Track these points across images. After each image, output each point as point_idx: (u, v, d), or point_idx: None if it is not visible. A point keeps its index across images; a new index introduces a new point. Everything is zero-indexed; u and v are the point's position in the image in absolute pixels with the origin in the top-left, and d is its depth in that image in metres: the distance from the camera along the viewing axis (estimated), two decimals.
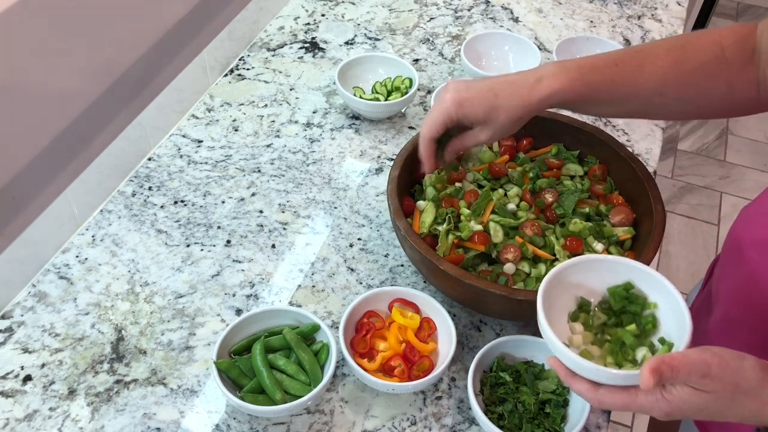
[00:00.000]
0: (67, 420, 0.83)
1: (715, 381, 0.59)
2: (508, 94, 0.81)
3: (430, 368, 0.86)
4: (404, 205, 0.94)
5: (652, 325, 0.71)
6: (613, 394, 0.64)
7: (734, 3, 3.56)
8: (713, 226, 2.50)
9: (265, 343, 0.85)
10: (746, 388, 0.59)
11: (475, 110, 0.82)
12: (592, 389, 0.65)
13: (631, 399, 0.63)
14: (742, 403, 0.60)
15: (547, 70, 0.81)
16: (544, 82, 0.80)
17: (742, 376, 0.59)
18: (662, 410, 0.62)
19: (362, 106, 1.20)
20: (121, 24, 1.01)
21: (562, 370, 0.67)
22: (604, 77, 0.80)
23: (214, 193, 1.10)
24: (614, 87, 0.80)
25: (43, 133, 0.93)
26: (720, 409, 0.61)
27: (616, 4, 1.56)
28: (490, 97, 0.82)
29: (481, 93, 0.82)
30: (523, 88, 0.81)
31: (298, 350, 0.85)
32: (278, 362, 0.84)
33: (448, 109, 0.83)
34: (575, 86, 0.79)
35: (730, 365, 0.59)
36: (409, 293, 0.91)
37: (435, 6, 1.52)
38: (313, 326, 0.87)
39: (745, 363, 0.60)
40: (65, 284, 0.97)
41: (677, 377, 0.59)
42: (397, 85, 1.25)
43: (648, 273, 0.71)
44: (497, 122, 0.82)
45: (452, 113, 0.83)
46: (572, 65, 0.81)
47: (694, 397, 0.60)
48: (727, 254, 0.87)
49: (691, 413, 0.62)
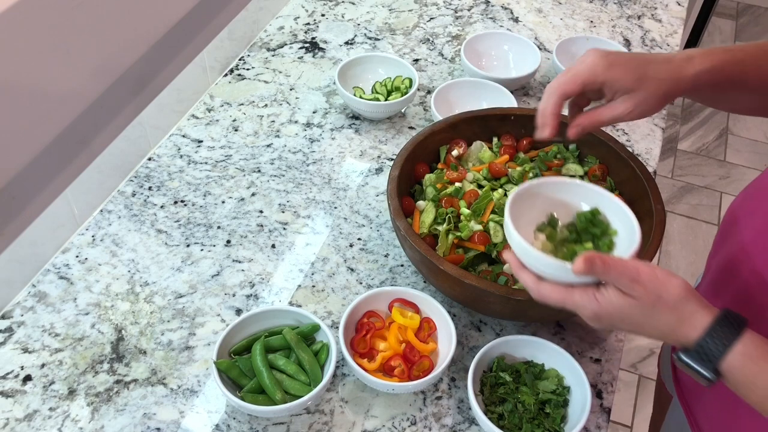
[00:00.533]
0: (67, 420, 0.83)
1: (641, 287, 0.63)
2: (660, 66, 0.76)
3: (430, 368, 0.86)
4: (404, 205, 0.94)
5: (607, 248, 0.74)
6: (553, 288, 0.68)
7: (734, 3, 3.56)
8: (713, 226, 2.50)
9: (265, 343, 0.85)
10: (667, 300, 0.63)
11: (625, 75, 0.76)
12: (536, 281, 0.69)
13: (568, 294, 0.67)
14: (660, 314, 0.63)
15: (694, 51, 0.77)
16: (696, 60, 0.76)
17: (667, 289, 0.63)
18: (592, 310, 0.66)
19: (362, 106, 1.20)
20: (121, 24, 1.01)
21: (513, 262, 0.71)
22: (752, 61, 0.77)
23: (214, 193, 1.10)
24: (761, 72, 0.77)
25: (43, 133, 0.93)
26: (641, 317, 0.64)
27: (616, 4, 1.56)
28: (641, 65, 0.76)
29: (632, 59, 0.77)
30: (674, 64, 0.76)
31: (298, 350, 0.85)
32: (278, 362, 0.84)
33: (595, 66, 0.76)
34: (726, 67, 0.76)
35: (658, 277, 0.63)
36: (409, 293, 0.91)
37: (435, 6, 1.52)
38: (313, 326, 0.87)
39: (674, 280, 0.64)
40: (65, 284, 0.97)
41: (608, 274, 0.63)
42: (397, 85, 1.25)
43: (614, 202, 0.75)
44: (646, 92, 0.76)
45: (599, 73, 0.76)
46: (719, 48, 0.77)
47: (620, 299, 0.64)
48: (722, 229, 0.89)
49: (617, 319, 0.65)
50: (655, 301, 0.63)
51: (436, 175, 1.01)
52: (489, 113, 1.07)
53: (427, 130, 1.02)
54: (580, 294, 0.66)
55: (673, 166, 2.72)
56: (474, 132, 1.06)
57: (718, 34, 3.37)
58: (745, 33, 3.39)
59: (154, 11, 1.07)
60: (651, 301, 0.63)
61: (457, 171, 1.00)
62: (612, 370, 0.92)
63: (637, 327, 0.66)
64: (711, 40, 3.32)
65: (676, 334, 0.64)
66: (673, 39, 1.47)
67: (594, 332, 0.96)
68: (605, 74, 0.76)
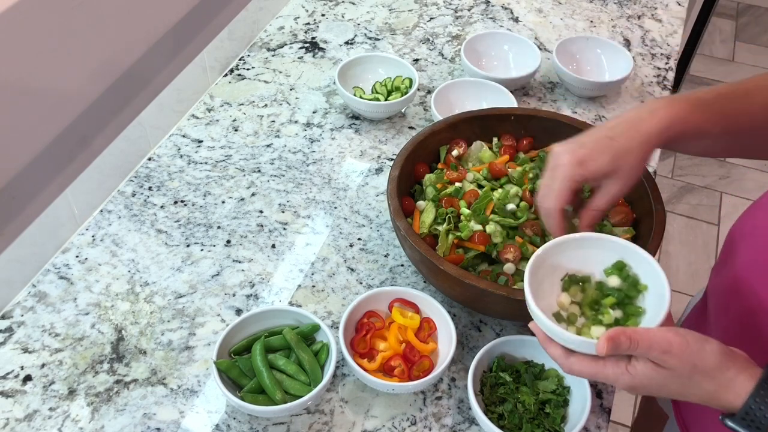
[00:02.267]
0: (67, 420, 0.83)
1: (675, 359, 0.61)
2: (626, 135, 0.76)
3: (430, 368, 0.86)
4: (404, 205, 0.94)
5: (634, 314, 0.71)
6: (582, 362, 0.66)
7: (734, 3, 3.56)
8: (713, 226, 2.50)
9: (265, 343, 0.85)
10: (703, 369, 0.61)
11: (598, 164, 0.76)
12: (564, 355, 0.67)
13: (599, 369, 0.65)
14: (699, 384, 0.62)
15: (656, 103, 0.76)
16: (659, 113, 0.75)
17: (701, 357, 0.62)
18: (626, 383, 0.64)
19: (362, 106, 1.20)
20: (121, 24, 1.01)
21: (539, 334, 0.69)
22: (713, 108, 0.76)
23: (214, 193, 1.10)
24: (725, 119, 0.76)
25: (43, 133, 0.93)
26: (679, 387, 0.63)
27: (616, 4, 1.56)
28: (608, 144, 0.76)
29: (597, 144, 0.76)
30: (639, 124, 0.76)
31: (298, 350, 0.85)
32: (278, 362, 0.84)
33: (570, 173, 0.76)
34: (690, 117, 0.75)
35: (690, 346, 0.62)
36: (409, 293, 0.91)
37: (435, 6, 1.52)
38: (313, 326, 0.87)
39: (707, 346, 0.62)
40: (65, 284, 0.97)
41: (636, 349, 0.62)
42: (397, 85, 1.25)
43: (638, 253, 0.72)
44: (626, 167, 0.76)
45: (576, 175, 0.77)
46: (679, 98, 0.76)
47: (654, 372, 0.62)
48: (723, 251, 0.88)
49: (653, 389, 0.64)
50: (691, 372, 0.61)
51: (436, 175, 1.01)
52: (489, 113, 1.07)
53: (427, 130, 1.02)
54: (613, 368, 0.64)
55: (673, 166, 2.72)
56: (474, 132, 1.06)
57: (718, 34, 3.37)
58: (745, 33, 3.39)
59: (154, 11, 1.07)
60: (687, 372, 0.62)
61: (457, 171, 1.00)
62: None
63: (677, 395, 0.64)
64: (711, 40, 3.32)
65: (719, 402, 0.62)
66: (673, 39, 1.47)
67: None
68: (581, 173, 0.76)
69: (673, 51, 1.44)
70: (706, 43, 3.29)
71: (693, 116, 0.75)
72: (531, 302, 0.68)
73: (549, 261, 0.73)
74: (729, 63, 3.22)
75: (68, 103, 0.96)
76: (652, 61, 1.41)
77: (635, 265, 0.73)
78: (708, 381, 0.62)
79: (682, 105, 0.75)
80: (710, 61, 3.22)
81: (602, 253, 0.74)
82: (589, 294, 0.74)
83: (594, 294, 0.73)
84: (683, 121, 0.75)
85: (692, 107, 0.75)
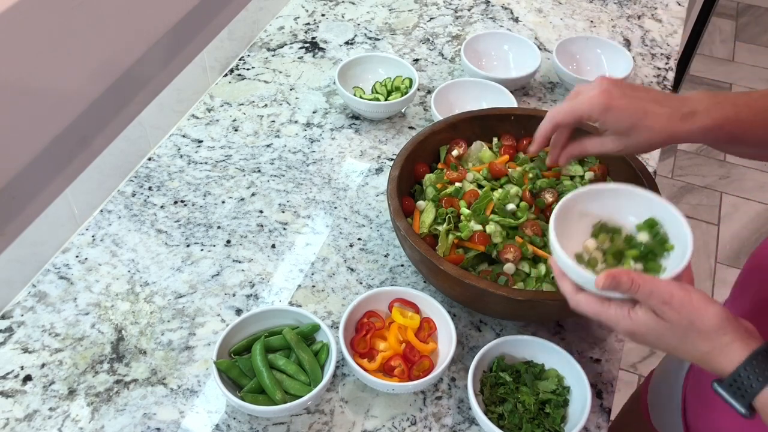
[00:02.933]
0: (67, 420, 0.83)
1: (673, 311, 0.62)
2: (659, 118, 0.75)
3: (430, 368, 0.86)
4: (404, 205, 0.94)
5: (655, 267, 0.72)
6: (589, 300, 0.68)
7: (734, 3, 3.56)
8: (713, 226, 2.50)
9: (265, 343, 0.85)
10: (701, 328, 0.62)
11: (620, 121, 0.76)
12: (574, 291, 0.69)
13: (603, 308, 0.66)
14: (693, 342, 0.62)
15: (700, 102, 0.74)
16: (698, 117, 0.74)
17: (701, 316, 0.62)
18: (626, 327, 0.65)
19: (362, 106, 1.20)
20: (121, 24, 1.01)
21: (555, 269, 0.71)
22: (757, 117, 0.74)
23: (214, 193, 1.10)
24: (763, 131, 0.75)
25: (43, 133, 0.93)
26: (675, 342, 0.64)
27: (616, 4, 1.56)
28: (639, 114, 0.75)
29: (632, 106, 0.75)
30: (674, 117, 0.74)
31: (298, 350, 0.85)
32: (278, 362, 0.84)
33: (593, 106, 0.76)
34: (728, 126, 0.74)
35: (693, 303, 0.62)
36: (409, 293, 0.91)
37: (435, 6, 1.52)
38: (313, 326, 0.87)
39: (711, 307, 0.62)
40: (65, 284, 0.97)
41: (636, 292, 0.63)
42: (397, 85, 1.25)
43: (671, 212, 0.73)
44: (637, 140, 0.76)
45: (595, 113, 0.76)
46: (727, 101, 0.74)
47: (653, 322, 0.63)
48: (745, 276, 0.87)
49: (651, 339, 0.65)
50: (687, 327, 0.62)
51: (436, 175, 1.01)
52: (489, 113, 1.07)
53: (427, 130, 1.02)
54: (616, 309, 0.65)
55: (673, 166, 2.72)
56: (474, 132, 1.06)
57: (718, 34, 3.37)
58: (745, 33, 3.39)
59: (154, 11, 1.07)
60: (683, 327, 0.62)
61: (457, 171, 1.00)
62: (612, 370, 0.92)
63: (673, 350, 0.65)
64: (711, 40, 3.32)
65: (711, 364, 0.63)
66: (673, 39, 1.47)
67: (594, 332, 0.96)
68: (600, 116, 0.76)
69: (673, 51, 1.44)
70: (706, 43, 3.29)
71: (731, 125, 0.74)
72: (553, 235, 0.70)
73: (579, 206, 0.75)
74: (729, 63, 3.22)
75: (68, 103, 0.96)
76: (652, 61, 1.41)
77: (667, 223, 0.73)
78: (703, 341, 0.62)
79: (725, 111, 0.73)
80: (710, 61, 3.22)
81: (636, 207, 0.75)
82: (616, 244, 0.75)
83: (620, 245, 0.74)
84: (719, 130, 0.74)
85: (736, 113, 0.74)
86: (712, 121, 0.73)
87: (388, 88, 1.25)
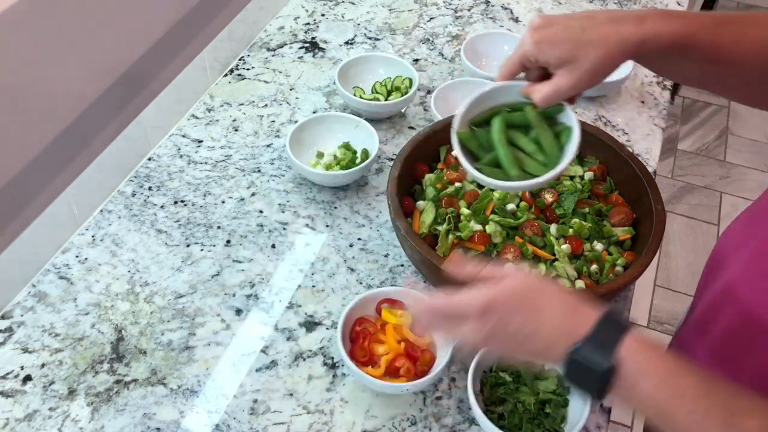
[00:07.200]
0: (67, 420, 0.83)
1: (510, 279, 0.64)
2: (601, 29, 0.69)
3: (432, 360, 0.86)
4: (404, 205, 0.94)
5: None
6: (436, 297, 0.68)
7: (734, 3, 3.56)
8: (713, 226, 2.50)
9: (506, 118, 0.79)
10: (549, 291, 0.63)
11: (556, 48, 0.70)
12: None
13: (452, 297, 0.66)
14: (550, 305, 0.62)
15: (649, 12, 0.70)
16: (649, 22, 0.68)
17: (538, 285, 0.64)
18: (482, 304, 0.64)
19: (362, 106, 1.20)
20: (120, 24, 1.01)
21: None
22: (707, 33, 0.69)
23: (214, 193, 1.10)
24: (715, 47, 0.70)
25: (43, 133, 0.93)
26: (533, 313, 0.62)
27: (616, 3, 1.56)
28: (575, 32, 0.69)
29: (564, 28, 0.70)
30: (623, 25, 0.69)
31: (538, 129, 0.78)
32: (518, 140, 0.79)
33: (525, 45, 0.72)
34: (680, 35, 0.68)
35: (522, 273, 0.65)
36: (392, 292, 0.90)
37: (435, 6, 1.52)
38: (557, 107, 0.79)
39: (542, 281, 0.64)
40: (65, 284, 0.97)
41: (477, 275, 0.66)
42: (397, 85, 1.25)
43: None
44: (584, 62, 0.70)
45: (529, 52, 0.72)
46: (675, 14, 0.70)
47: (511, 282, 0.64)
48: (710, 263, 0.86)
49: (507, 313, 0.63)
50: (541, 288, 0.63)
51: (436, 175, 1.01)
52: None
53: (427, 130, 1.02)
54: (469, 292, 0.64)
55: (673, 166, 2.72)
56: None
57: None
58: None
59: (154, 11, 1.08)
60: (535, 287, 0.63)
61: (457, 171, 1.00)
62: None
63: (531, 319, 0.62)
64: None
65: (570, 324, 0.60)
66: None
67: None
68: (537, 53, 0.72)
69: None
70: None
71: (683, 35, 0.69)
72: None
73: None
74: None
75: (68, 103, 0.96)
76: None
77: None
78: (558, 303, 0.62)
79: (677, 21, 0.69)
80: None
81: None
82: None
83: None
84: (673, 36, 0.69)
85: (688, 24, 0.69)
86: (667, 28, 0.68)
87: (388, 88, 1.25)
